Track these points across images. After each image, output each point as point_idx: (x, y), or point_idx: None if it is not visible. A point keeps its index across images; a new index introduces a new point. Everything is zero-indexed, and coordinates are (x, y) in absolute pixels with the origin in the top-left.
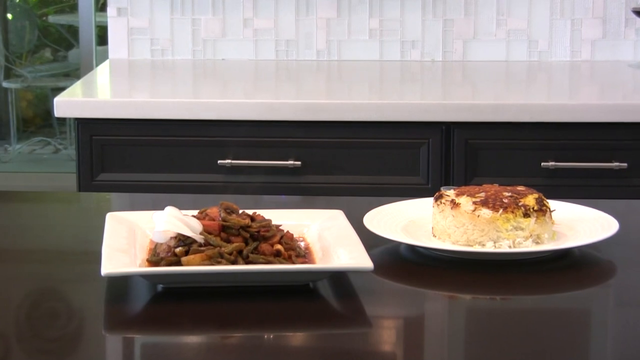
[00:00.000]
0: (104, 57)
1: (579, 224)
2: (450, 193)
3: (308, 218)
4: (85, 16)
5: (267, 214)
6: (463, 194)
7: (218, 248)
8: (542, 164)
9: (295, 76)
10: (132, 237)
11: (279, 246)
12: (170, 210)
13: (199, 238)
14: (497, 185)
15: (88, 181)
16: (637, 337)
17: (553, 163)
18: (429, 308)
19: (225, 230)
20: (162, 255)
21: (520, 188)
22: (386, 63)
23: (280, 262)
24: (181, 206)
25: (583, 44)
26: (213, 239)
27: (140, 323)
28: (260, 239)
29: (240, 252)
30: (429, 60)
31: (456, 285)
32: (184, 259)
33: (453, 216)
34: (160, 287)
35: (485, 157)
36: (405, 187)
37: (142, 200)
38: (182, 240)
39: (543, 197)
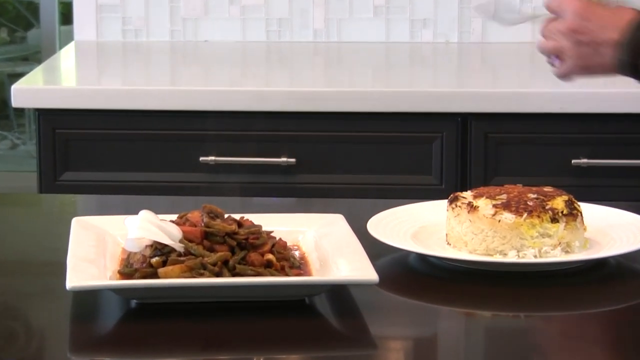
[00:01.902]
0: (68, 38)
1: (615, 230)
2: (467, 195)
3: (303, 223)
4: None
5: (256, 218)
6: (482, 196)
7: (200, 258)
8: (572, 161)
9: (289, 60)
10: (102, 246)
11: (270, 256)
12: (145, 214)
13: (178, 247)
14: (520, 185)
15: (50, 181)
16: None
17: (585, 160)
18: (443, 327)
19: (209, 238)
20: (135, 266)
21: (548, 189)
22: (393, 45)
23: (272, 274)
24: (157, 210)
25: None
26: (194, 248)
27: (111, 344)
28: (249, 248)
29: (225, 262)
30: (442, 42)
31: (474, 300)
32: (161, 270)
33: (470, 221)
34: (133, 302)
35: (508, 154)
36: (415, 188)
37: (112, 203)
38: (159, 249)
39: (573, 200)
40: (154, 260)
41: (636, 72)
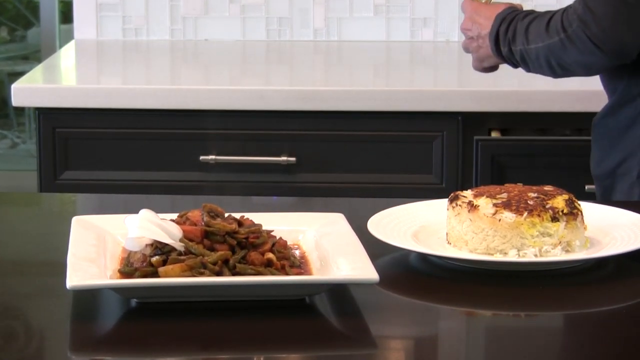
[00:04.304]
0: (68, 37)
1: (616, 230)
2: (467, 194)
3: (304, 222)
4: None
5: (256, 217)
6: (482, 195)
7: (200, 257)
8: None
9: (289, 59)
10: (102, 245)
11: (270, 255)
12: (145, 213)
13: (179, 246)
14: (521, 184)
15: (50, 180)
16: None
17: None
18: (443, 326)
19: (209, 237)
20: (136, 265)
21: (548, 188)
22: (394, 44)
23: (272, 273)
24: (158, 209)
25: None
26: (195, 247)
27: (111, 343)
28: (249, 247)
29: (226, 261)
30: (443, 41)
31: (474, 299)
32: (161, 269)
33: (471, 220)
34: (134, 302)
35: (508, 153)
36: (416, 187)
37: (112, 202)
38: (159, 248)
39: (574, 199)
40: (154, 259)
41: (502, 57)
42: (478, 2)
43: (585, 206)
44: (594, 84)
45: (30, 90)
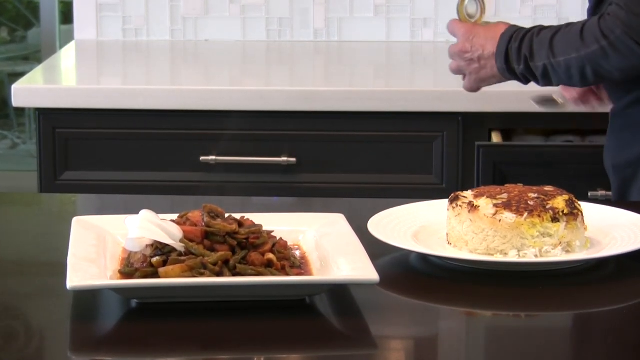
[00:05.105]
0: (68, 37)
1: (616, 230)
2: (467, 194)
3: (304, 223)
4: None
5: (257, 218)
6: (482, 195)
7: (201, 258)
8: None
9: (289, 60)
10: (102, 245)
11: (270, 255)
12: (145, 214)
13: (179, 246)
14: (521, 185)
15: (51, 181)
16: None
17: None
18: (444, 326)
19: (209, 238)
20: (136, 265)
21: (548, 188)
22: (394, 44)
23: (272, 274)
24: (158, 209)
25: None
26: (195, 248)
27: (111, 344)
28: (250, 248)
29: (226, 262)
30: (443, 41)
31: (474, 300)
32: (161, 270)
33: (471, 221)
34: (134, 302)
35: (509, 153)
36: (416, 187)
37: (113, 203)
38: (160, 249)
39: (574, 199)
40: (154, 259)
41: (515, 75)
42: (469, 23)
43: (586, 207)
44: None
45: (31, 90)
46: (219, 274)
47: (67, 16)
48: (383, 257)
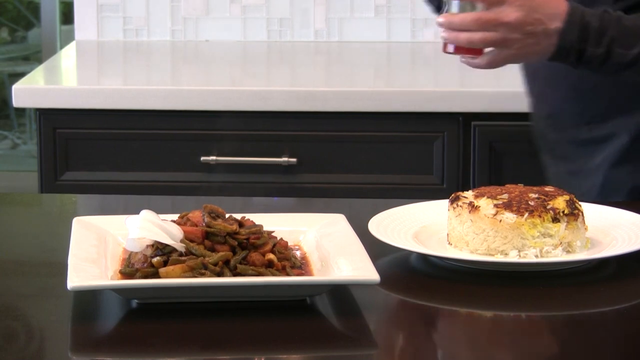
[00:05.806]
0: (69, 38)
1: (616, 230)
2: (468, 194)
3: (304, 223)
4: None
5: (257, 218)
6: (483, 196)
7: (201, 258)
8: None
9: (290, 60)
10: (102, 246)
11: (271, 256)
12: (145, 214)
13: (179, 246)
14: (521, 185)
15: (51, 181)
16: None
17: None
18: (444, 327)
19: (210, 238)
20: (136, 266)
21: (549, 189)
22: (394, 45)
23: (273, 274)
24: (158, 210)
25: None
26: (195, 248)
27: (111, 344)
28: (250, 248)
29: (226, 262)
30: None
31: (475, 300)
32: (162, 270)
33: (471, 221)
34: (134, 302)
35: (509, 153)
36: (417, 187)
37: (113, 203)
38: (160, 249)
39: (575, 199)
40: (155, 260)
41: (580, 56)
42: None
43: (586, 207)
44: None
45: (31, 91)
46: (219, 274)
47: (67, 16)
48: (383, 258)
